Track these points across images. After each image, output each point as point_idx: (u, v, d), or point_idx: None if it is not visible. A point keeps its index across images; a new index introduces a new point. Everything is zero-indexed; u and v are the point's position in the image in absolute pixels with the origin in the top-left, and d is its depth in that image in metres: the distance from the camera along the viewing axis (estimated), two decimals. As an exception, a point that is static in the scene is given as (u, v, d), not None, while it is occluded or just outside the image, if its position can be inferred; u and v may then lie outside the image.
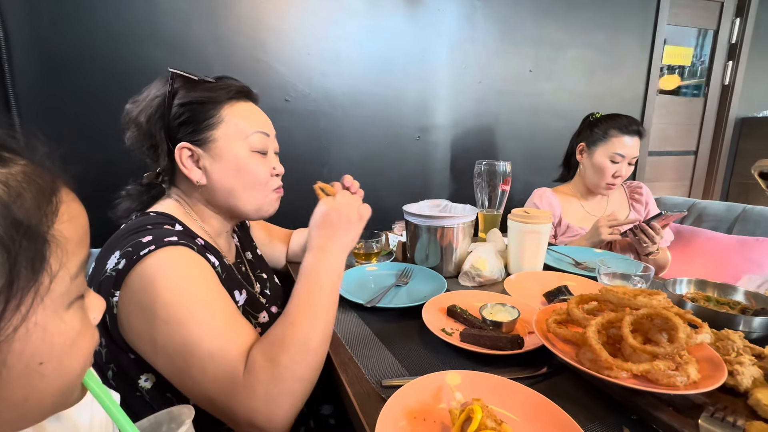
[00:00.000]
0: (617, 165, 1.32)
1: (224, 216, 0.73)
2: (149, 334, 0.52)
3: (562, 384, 0.56)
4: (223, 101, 0.67)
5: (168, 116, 0.65)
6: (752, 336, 0.65)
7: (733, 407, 0.46)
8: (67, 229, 0.29)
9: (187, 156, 0.66)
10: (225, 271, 0.65)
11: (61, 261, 0.29)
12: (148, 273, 0.52)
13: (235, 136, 0.66)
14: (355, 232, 0.66)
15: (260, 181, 0.69)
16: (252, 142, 0.68)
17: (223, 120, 0.66)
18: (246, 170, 0.68)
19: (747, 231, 1.49)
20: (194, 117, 0.64)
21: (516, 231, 0.97)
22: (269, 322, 0.69)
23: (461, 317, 0.71)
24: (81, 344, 0.31)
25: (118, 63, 1.11)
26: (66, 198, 0.31)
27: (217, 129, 0.65)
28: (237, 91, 0.69)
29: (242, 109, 0.69)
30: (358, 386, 0.54)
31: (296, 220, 1.19)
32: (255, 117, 0.71)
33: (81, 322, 0.31)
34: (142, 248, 0.53)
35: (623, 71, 1.85)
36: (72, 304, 0.30)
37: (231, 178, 0.67)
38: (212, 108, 0.65)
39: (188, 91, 0.65)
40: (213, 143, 0.65)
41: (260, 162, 0.69)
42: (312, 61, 1.33)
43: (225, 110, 0.66)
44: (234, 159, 0.66)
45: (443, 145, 1.58)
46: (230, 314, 0.56)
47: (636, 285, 0.82)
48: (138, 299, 0.52)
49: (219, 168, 0.66)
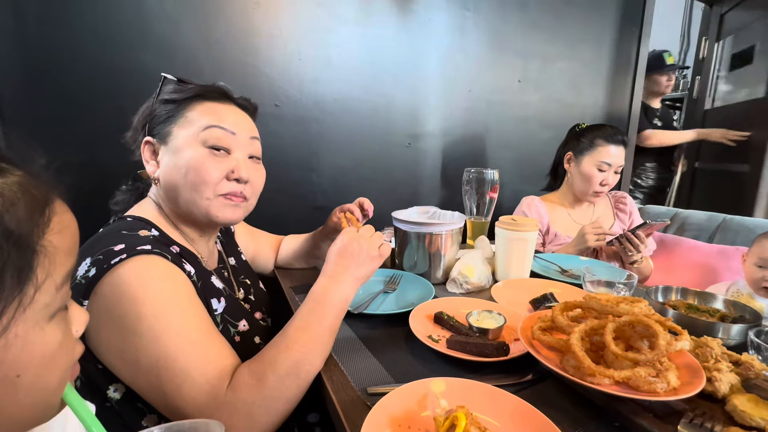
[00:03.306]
0: (604, 173, 1.35)
1: (186, 220, 0.69)
2: (119, 346, 0.51)
3: (547, 391, 0.56)
4: (193, 99, 0.66)
5: (151, 114, 0.67)
6: (730, 343, 0.67)
7: (711, 413, 0.47)
8: (57, 239, 0.29)
9: (150, 150, 0.66)
10: (201, 278, 0.64)
11: (48, 271, 0.28)
12: (119, 283, 0.50)
13: (190, 129, 0.64)
14: (371, 267, 0.65)
15: (204, 180, 0.63)
16: (206, 137, 0.63)
17: (184, 115, 0.65)
18: (192, 167, 0.62)
19: (727, 240, 1.52)
20: (164, 113, 0.65)
21: (503, 238, 0.98)
22: (249, 331, 0.68)
23: (448, 324, 0.71)
24: (60, 358, 0.30)
25: (106, 66, 1.10)
26: (59, 209, 0.31)
27: (176, 123, 0.65)
28: (211, 90, 0.68)
29: (208, 107, 0.66)
30: (343, 393, 0.54)
31: (285, 225, 1.19)
32: (219, 113, 0.66)
33: (62, 335, 0.31)
34: (113, 256, 0.51)
35: (608, 84, 1.89)
36: (55, 315, 0.30)
37: (178, 174, 0.63)
38: (180, 104, 0.65)
39: (170, 91, 0.67)
40: (170, 137, 0.65)
41: (213, 161, 0.63)
42: (302, 67, 1.33)
43: (192, 107, 0.66)
44: (185, 154, 0.63)
45: (433, 152, 1.59)
46: (206, 330, 0.55)
47: (620, 292, 0.83)
48: (108, 310, 0.50)
49: (168, 161, 0.64)
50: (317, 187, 1.42)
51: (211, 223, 0.69)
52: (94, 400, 0.53)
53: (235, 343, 0.64)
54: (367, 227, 0.69)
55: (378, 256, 0.65)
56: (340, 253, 0.64)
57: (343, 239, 0.65)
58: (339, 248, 0.64)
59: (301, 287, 0.91)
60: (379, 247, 0.66)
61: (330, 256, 0.65)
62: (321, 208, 1.42)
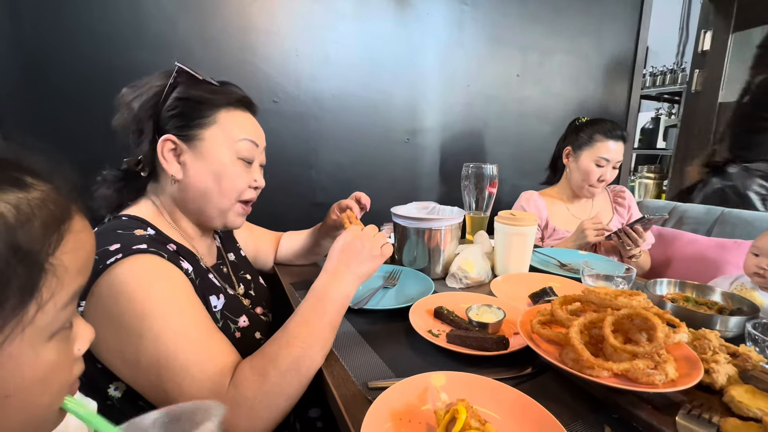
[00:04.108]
0: (602, 169, 1.35)
1: (192, 220, 0.71)
2: (118, 346, 0.51)
3: (546, 383, 0.56)
4: (222, 105, 0.67)
5: (162, 106, 0.65)
6: (728, 335, 0.67)
7: (709, 404, 0.47)
8: (68, 258, 0.29)
9: (170, 149, 0.65)
10: (200, 275, 0.64)
11: (53, 291, 0.27)
12: (116, 283, 0.50)
13: (224, 139, 0.66)
14: (373, 265, 0.66)
15: (237, 188, 0.69)
16: (239, 148, 0.68)
17: (215, 122, 0.66)
18: (226, 175, 0.67)
19: (725, 233, 1.53)
20: (188, 113, 0.64)
21: (502, 233, 0.98)
22: (250, 327, 0.68)
23: (448, 319, 0.72)
24: (54, 379, 0.29)
25: (103, 66, 1.09)
26: (77, 227, 0.30)
27: (208, 129, 0.65)
28: (238, 99, 0.70)
29: (238, 117, 0.69)
30: (344, 388, 0.54)
31: (284, 222, 1.19)
32: (248, 125, 0.71)
33: (59, 355, 0.30)
34: (108, 256, 0.51)
35: (607, 77, 1.89)
36: (54, 335, 0.29)
37: (208, 179, 0.66)
38: (208, 109, 0.65)
39: (188, 88, 0.65)
40: (199, 141, 0.65)
41: (242, 171, 0.69)
42: (300, 63, 1.32)
43: (221, 114, 0.66)
44: (217, 161, 0.66)
45: (432, 148, 1.59)
46: (205, 327, 0.55)
47: (618, 286, 0.84)
48: (105, 310, 0.50)
49: (199, 167, 0.65)
50: (316, 183, 1.42)
51: (225, 228, 0.73)
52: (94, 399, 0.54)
53: (235, 339, 0.64)
54: (371, 227, 0.70)
55: (380, 255, 0.66)
56: (342, 251, 0.64)
57: (346, 237, 0.65)
58: (342, 246, 0.65)
59: (301, 284, 0.91)
60: (381, 247, 0.67)
61: (332, 253, 0.65)
62: (320, 205, 1.42)
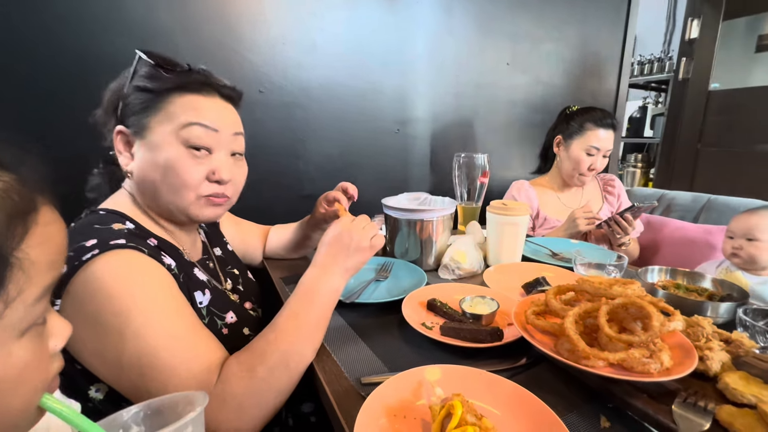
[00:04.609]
0: (593, 157, 1.35)
1: (162, 214, 0.65)
2: (97, 346, 0.48)
3: (541, 374, 0.56)
4: (172, 90, 0.60)
5: (123, 98, 0.62)
6: (718, 321, 0.67)
7: (704, 392, 0.47)
8: (36, 252, 0.27)
9: (123, 141, 0.62)
10: (183, 271, 0.61)
11: (21, 287, 0.26)
12: (92, 280, 0.48)
13: (169, 126, 0.59)
14: (362, 258, 0.63)
15: (185, 183, 0.60)
16: (187, 135, 0.59)
17: (163, 108, 0.60)
18: (171, 168, 0.59)
19: (712, 220, 1.55)
20: (139, 101, 0.60)
21: (495, 223, 0.97)
22: (238, 323, 0.66)
23: (441, 311, 0.71)
24: (27, 378, 0.28)
25: (77, 52, 1.04)
26: (43, 219, 0.28)
27: (155, 116, 0.60)
28: (192, 82, 0.62)
29: (190, 100, 0.61)
30: (336, 384, 0.53)
31: (272, 215, 1.16)
32: (203, 108, 0.61)
33: (32, 353, 0.28)
34: (84, 252, 0.49)
35: (596, 66, 1.89)
36: (26, 332, 0.28)
37: (156, 173, 0.59)
38: (158, 94, 0.60)
39: (145, 75, 0.61)
40: (147, 131, 0.60)
41: (193, 161, 0.60)
42: (287, 52, 1.28)
43: (170, 99, 0.60)
44: (164, 153, 0.59)
45: (422, 138, 1.57)
46: (190, 324, 0.53)
47: (611, 274, 0.84)
48: (82, 309, 0.48)
49: (148, 159, 0.60)
50: (304, 175, 1.39)
51: (192, 222, 0.66)
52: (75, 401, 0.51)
53: (222, 335, 0.62)
54: (362, 217, 0.67)
55: (369, 247, 0.63)
56: (330, 244, 0.62)
57: (335, 229, 0.63)
58: (330, 238, 0.63)
59: (291, 278, 0.89)
60: (371, 239, 0.64)
61: (321, 246, 0.63)
62: (308, 197, 1.39)
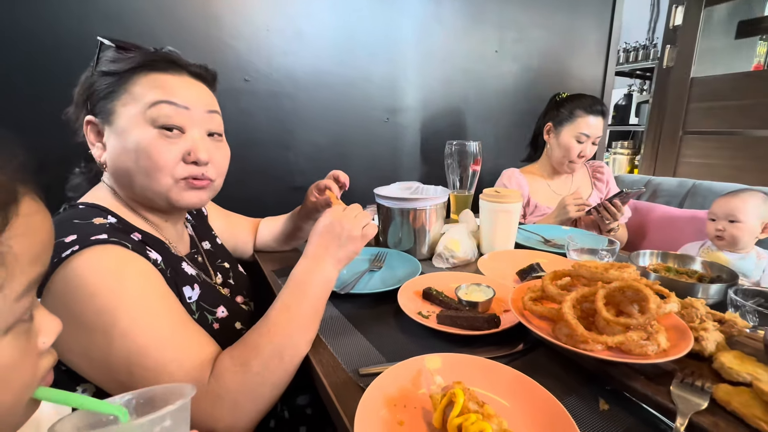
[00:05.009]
0: (582, 145, 1.35)
1: (144, 206, 0.62)
2: (82, 346, 0.46)
3: (538, 359, 0.56)
4: (135, 70, 0.57)
5: (90, 87, 0.59)
6: (709, 302, 0.68)
7: (700, 372, 0.48)
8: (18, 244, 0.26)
9: (94, 131, 0.59)
10: (171, 266, 0.59)
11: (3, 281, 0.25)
12: (72, 277, 0.45)
13: (135, 107, 0.56)
14: (354, 248, 0.61)
15: (158, 166, 0.56)
16: (154, 114, 0.55)
17: (127, 89, 0.56)
18: (142, 151, 0.55)
19: (697, 204, 1.58)
20: (104, 86, 0.57)
21: (488, 211, 0.97)
22: (229, 317, 0.64)
23: (437, 299, 0.70)
24: (14, 376, 0.27)
25: (48, 39, 0.99)
26: (26, 210, 0.27)
27: (120, 99, 0.56)
28: (156, 59, 0.58)
29: (155, 79, 0.57)
30: (334, 376, 0.52)
31: (262, 207, 1.14)
32: (170, 86, 0.57)
33: (19, 351, 0.27)
34: (63, 249, 0.46)
35: (584, 53, 1.89)
36: (11, 329, 0.26)
37: (128, 159, 0.56)
38: (122, 75, 0.57)
39: (109, 59, 0.58)
40: (114, 116, 0.56)
41: (165, 142, 0.56)
42: (272, 39, 1.25)
43: (135, 78, 0.57)
44: (132, 136, 0.55)
45: (412, 126, 1.55)
46: (180, 320, 0.51)
47: (603, 259, 0.84)
48: (64, 308, 0.45)
49: (118, 146, 0.56)
50: (293, 166, 1.36)
51: (174, 209, 0.62)
52: None
53: (213, 331, 0.61)
54: (353, 206, 0.65)
55: (361, 236, 0.62)
56: (321, 234, 0.61)
57: (325, 219, 0.62)
58: (321, 228, 0.61)
59: (283, 270, 0.87)
60: (363, 227, 0.63)
61: (312, 236, 0.61)
62: (299, 188, 1.37)
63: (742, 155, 2.49)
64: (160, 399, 0.34)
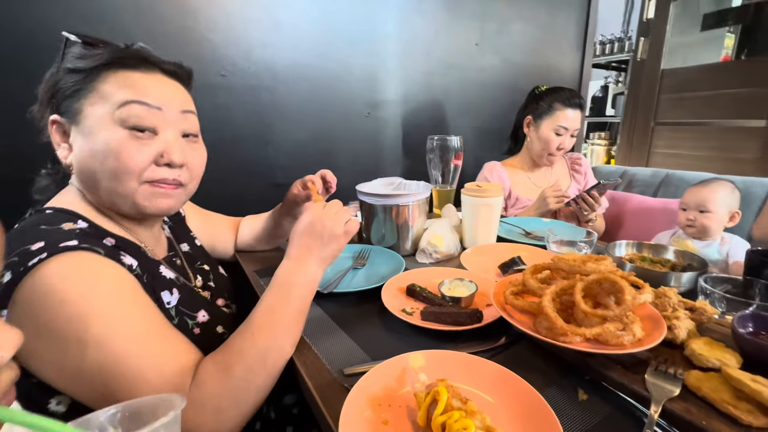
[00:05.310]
0: (561, 137, 1.38)
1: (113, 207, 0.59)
2: (54, 357, 0.44)
3: (521, 352, 0.57)
4: (102, 67, 0.54)
5: (55, 84, 0.56)
6: (681, 290, 0.71)
7: (673, 359, 0.50)
8: None
9: (59, 131, 0.57)
10: (147, 270, 0.57)
11: None
12: (41, 285, 0.43)
13: (103, 107, 0.53)
14: (337, 246, 0.61)
15: (126, 167, 0.53)
16: (124, 114, 0.53)
17: (95, 88, 0.54)
18: (111, 153, 0.53)
19: (670, 194, 1.63)
20: (69, 85, 0.55)
21: (469, 205, 0.98)
22: (210, 321, 0.63)
23: (421, 296, 0.70)
24: None
25: (11, 33, 0.93)
26: None
27: (87, 98, 0.54)
28: (126, 56, 0.56)
29: (125, 77, 0.55)
30: (318, 378, 0.52)
31: (243, 206, 1.12)
32: (140, 85, 0.55)
33: None
34: (30, 257, 0.44)
35: (562, 46, 1.91)
36: None
37: (94, 161, 0.54)
38: (87, 74, 0.54)
39: (75, 56, 0.56)
40: (80, 116, 0.54)
41: (135, 143, 0.54)
42: (249, 31, 1.21)
43: (102, 77, 0.54)
44: (101, 137, 0.53)
45: (394, 120, 1.54)
46: (157, 326, 0.50)
47: (581, 250, 0.86)
48: (33, 319, 0.43)
49: (85, 147, 0.54)
50: (274, 162, 1.34)
51: (141, 214, 0.59)
52: None
53: (194, 336, 0.59)
54: (334, 202, 0.64)
55: (343, 234, 0.61)
56: (302, 234, 0.60)
57: (306, 218, 0.61)
58: (302, 228, 0.60)
59: (265, 270, 0.86)
60: (345, 224, 0.62)
61: (293, 236, 0.60)
62: (281, 185, 1.34)
63: (710, 145, 2.58)
64: (147, 412, 0.33)
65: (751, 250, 0.72)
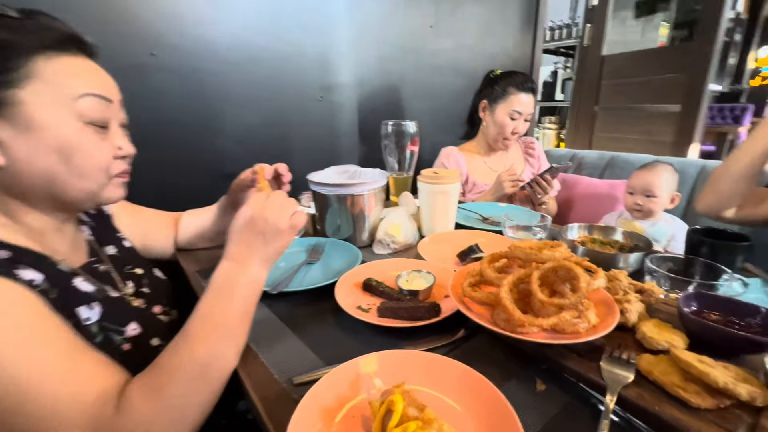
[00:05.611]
0: (515, 122, 1.39)
1: (44, 208, 0.54)
2: None
3: (480, 345, 0.56)
4: (36, 49, 0.47)
5: None
6: (629, 270, 0.73)
7: (626, 343, 0.50)
8: None
9: None
10: (56, 284, 0.48)
11: None
12: None
13: (55, 98, 0.48)
14: (282, 242, 0.55)
15: (98, 165, 0.53)
16: (83, 108, 0.50)
17: (34, 76, 0.47)
18: (76, 150, 0.50)
19: (615, 175, 1.72)
20: None
21: (426, 193, 0.95)
22: (143, 334, 0.56)
23: (377, 290, 0.67)
24: None
25: None
26: None
27: (24, 88, 0.46)
28: (61, 39, 0.49)
29: (70, 64, 0.50)
30: (265, 389, 0.47)
31: (188, 200, 1.01)
32: (89, 75, 0.52)
33: None
34: None
35: (514, 30, 1.92)
36: None
37: (50, 159, 0.49)
38: (16, 57, 0.46)
39: None
40: (17, 108, 0.46)
41: (97, 139, 0.52)
42: (181, 6, 1.09)
43: (39, 63, 0.47)
44: (55, 133, 0.48)
45: (349, 105, 1.48)
46: (68, 352, 0.43)
47: (537, 235, 0.87)
48: None
49: (30, 144, 0.47)
50: (222, 150, 1.23)
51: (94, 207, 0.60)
52: None
53: (122, 353, 0.52)
54: (277, 193, 0.58)
55: (288, 229, 0.55)
56: (241, 231, 0.53)
57: (245, 212, 0.54)
58: (241, 225, 0.54)
59: (209, 270, 0.78)
60: (291, 217, 0.56)
61: (231, 233, 0.54)
62: (230, 176, 1.23)
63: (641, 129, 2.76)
64: None
65: (692, 230, 0.75)
